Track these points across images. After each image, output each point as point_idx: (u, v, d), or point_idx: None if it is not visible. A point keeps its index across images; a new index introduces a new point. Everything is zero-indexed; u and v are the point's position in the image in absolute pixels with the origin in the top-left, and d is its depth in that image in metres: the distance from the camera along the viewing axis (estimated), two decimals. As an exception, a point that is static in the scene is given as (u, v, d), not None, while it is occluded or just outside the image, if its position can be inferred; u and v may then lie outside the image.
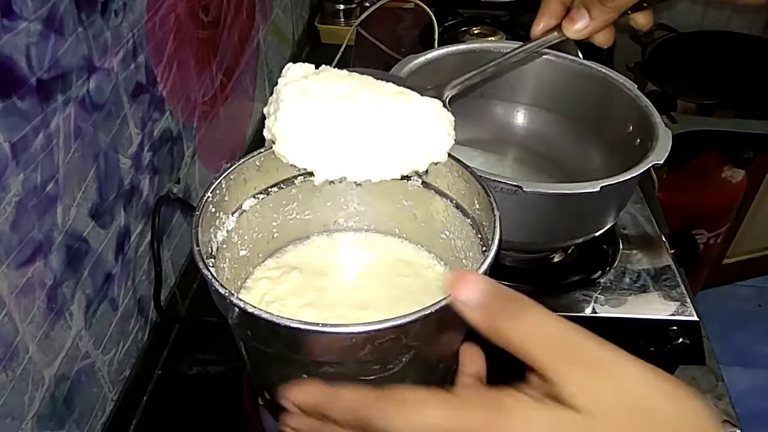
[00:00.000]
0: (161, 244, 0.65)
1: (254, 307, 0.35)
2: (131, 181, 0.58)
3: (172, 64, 0.64)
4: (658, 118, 0.61)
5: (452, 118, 0.43)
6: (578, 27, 0.44)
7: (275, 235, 0.52)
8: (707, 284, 1.71)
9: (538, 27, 0.46)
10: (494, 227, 0.42)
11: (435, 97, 0.44)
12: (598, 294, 0.63)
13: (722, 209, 1.46)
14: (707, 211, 1.43)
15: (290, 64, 0.44)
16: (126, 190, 0.58)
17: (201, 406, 0.61)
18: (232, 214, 0.47)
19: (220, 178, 0.44)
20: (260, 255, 0.52)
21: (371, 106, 0.41)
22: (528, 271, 0.67)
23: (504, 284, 0.33)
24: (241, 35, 0.85)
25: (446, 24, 1.04)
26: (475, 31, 1.02)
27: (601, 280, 0.64)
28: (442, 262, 0.53)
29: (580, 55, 0.75)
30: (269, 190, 0.49)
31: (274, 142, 0.42)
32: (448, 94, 0.47)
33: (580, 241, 0.63)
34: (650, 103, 0.63)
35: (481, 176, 0.46)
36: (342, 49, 1.09)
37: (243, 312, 0.36)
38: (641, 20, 0.45)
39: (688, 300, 0.61)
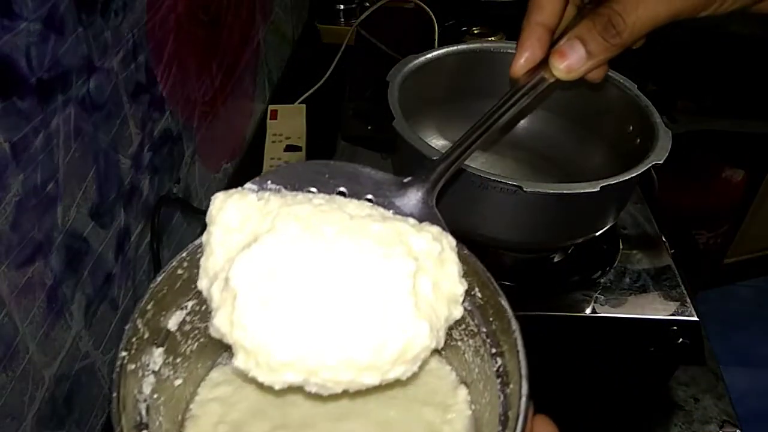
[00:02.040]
0: (161, 244, 0.65)
1: None
2: (131, 181, 0.58)
3: (172, 64, 0.64)
4: (658, 118, 0.61)
5: (455, 247, 0.32)
6: (570, 63, 0.35)
7: (213, 340, 0.36)
8: (707, 284, 1.72)
9: (520, 62, 0.36)
10: (515, 348, 0.31)
11: (420, 203, 0.33)
12: (598, 294, 0.63)
13: (722, 209, 1.46)
14: (707, 211, 1.43)
15: (220, 198, 0.31)
16: (126, 190, 0.58)
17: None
18: (157, 346, 0.35)
19: (134, 321, 0.33)
20: (199, 368, 0.40)
21: (369, 281, 0.29)
22: (528, 271, 0.67)
23: (504, 283, 0.33)
24: (241, 35, 0.85)
25: (446, 24, 1.04)
26: (475, 31, 1.03)
27: (601, 280, 0.64)
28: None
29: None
30: (198, 293, 0.35)
31: (233, 354, 0.29)
32: (435, 193, 0.34)
33: (580, 241, 0.63)
34: (650, 103, 0.63)
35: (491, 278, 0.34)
36: (342, 49, 1.09)
37: None
38: (636, 44, 0.38)
39: (688, 300, 0.61)
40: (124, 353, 0.32)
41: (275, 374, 0.28)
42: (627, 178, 0.54)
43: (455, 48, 0.69)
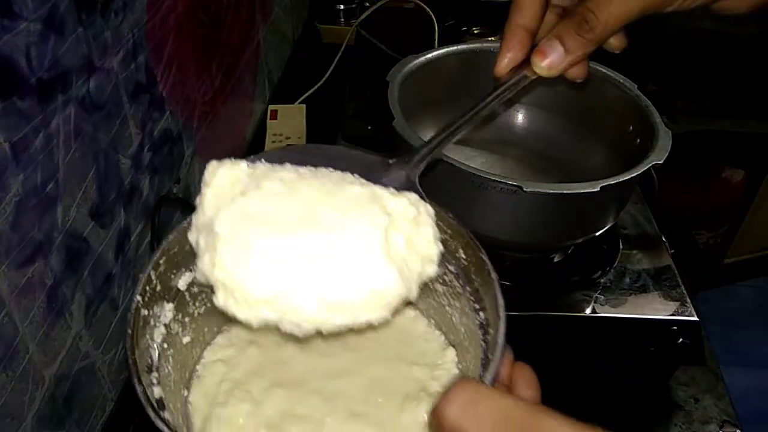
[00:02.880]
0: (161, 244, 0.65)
1: None
2: (131, 181, 0.58)
3: (172, 64, 0.64)
4: (658, 118, 0.61)
5: (433, 213, 0.33)
6: (551, 61, 0.37)
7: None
8: (707, 284, 1.72)
9: (503, 62, 0.38)
10: (494, 296, 0.34)
11: (404, 180, 0.35)
12: (598, 294, 0.63)
13: (722, 209, 1.46)
14: (707, 211, 1.43)
15: (214, 164, 0.33)
16: (126, 190, 0.58)
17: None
18: (168, 302, 0.39)
19: (148, 271, 0.37)
20: (206, 332, 0.43)
21: (341, 230, 0.31)
22: (528, 271, 0.67)
23: (504, 284, 0.33)
24: (241, 35, 0.85)
25: (446, 24, 1.04)
26: (475, 31, 1.03)
27: (601, 280, 0.64)
28: (421, 311, 0.45)
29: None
30: None
31: (213, 292, 0.31)
32: (418, 170, 0.36)
33: (580, 241, 0.63)
34: (650, 103, 0.63)
35: (464, 227, 0.38)
36: (342, 49, 1.09)
37: None
38: (615, 43, 0.39)
39: (688, 300, 0.61)
40: (138, 297, 0.35)
41: (251, 310, 0.30)
42: (627, 178, 0.54)
43: (455, 48, 0.69)
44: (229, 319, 0.39)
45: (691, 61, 1.28)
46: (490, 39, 1.00)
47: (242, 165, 0.33)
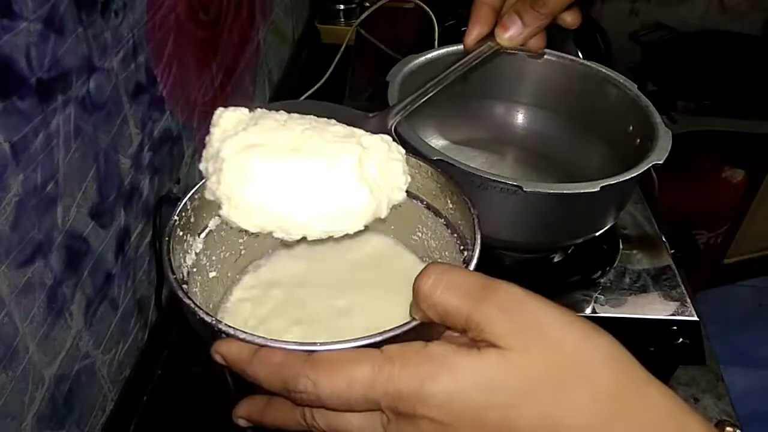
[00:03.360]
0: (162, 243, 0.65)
1: (246, 332, 0.34)
2: (131, 181, 0.58)
3: (172, 64, 0.64)
4: (658, 118, 0.61)
5: (403, 152, 0.41)
6: (511, 34, 0.43)
7: (242, 252, 0.50)
8: (707, 284, 1.72)
9: (471, 36, 0.44)
10: (473, 226, 0.41)
11: (381, 128, 0.41)
12: (598, 294, 0.63)
13: (722, 209, 1.46)
14: (707, 211, 1.43)
15: (221, 110, 0.40)
16: (126, 190, 0.58)
17: (201, 406, 0.61)
18: (199, 235, 0.45)
19: (185, 200, 0.43)
20: (228, 274, 0.50)
21: (323, 156, 0.38)
22: (528, 271, 0.67)
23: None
24: (241, 35, 0.85)
25: (446, 24, 1.04)
26: (475, 31, 1.02)
27: (601, 280, 0.64)
28: (425, 259, 0.52)
29: (580, 55, 0.75)
30: None
31: (220, 207, 0.38)
32: (393, 121, 0.43)
33: (580, 241, 0.63)
34: (650, 103, 0.63)
35: (452, 175, 0.45)
36: (342, 49, 1.09)
37: (234, 339, 0.34)
38: (569, 19, 0.44)
39: (688, 300, 0.61)
40: (176, 217, 0.42)
41: (249, 217, 0.37)
42: (627, 178, 0.54)
43: (455, 48, 0.69)
44: (246, 264, 0.50)
45: (691, 61, 1.28)
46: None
47: (244, 110, 0.40)
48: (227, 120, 0.39)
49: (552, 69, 0.71)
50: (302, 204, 0.37)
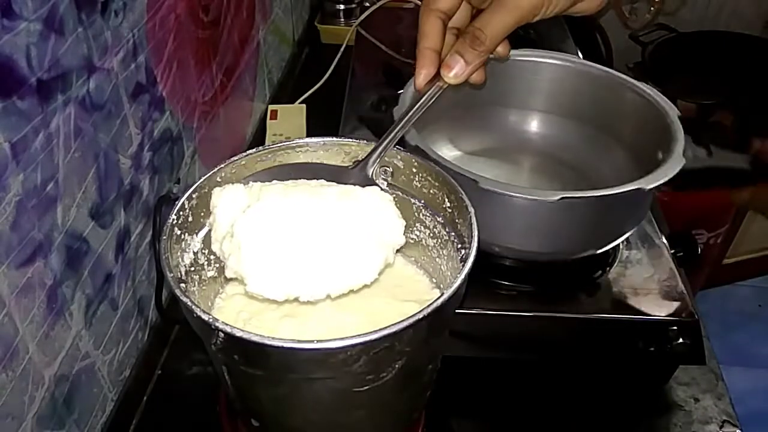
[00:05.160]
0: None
1: (242, 330, 0.34)
2: (131, 181, 0.58)
3: (172, 64, 0.64)
4: (674, 117, 0.61)
5: (390, 198, 0.44)
6: (455, 72, 0.45)
7: None
8: (707, 284, 1.71)
9: (420, 78, 0.46)
10: (471, 224, 0.42)
11: (364, 179, 0.45)
12: (599, 294, 0.63)
13: (722, 209, 1.46)
14: (707, 211, 1.43)
15: (218, 190, 0.43)
16: (126, 190, 0.58)
17: (201, 406, 0.61)
18: (197, 234, 0.46)
19: (182, 199, 0.44)
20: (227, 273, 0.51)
21: (328, 217, 0.41)
22: (528, 271, 0.67)
23: (504, 284, 0.33)
24: (241, 35, 0.85)
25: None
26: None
27: (601, 280, 0.64)
28: (412, 258, 0.53)
29: (580, 55, 0.74)
30: None
31: (245, 284, 0.40)
32: (372, 170, 0.46)
33: (599, 251, 0.62)
34: (667, 100, 0.62)
35: (450, 173, 0.46)
36: (342, 49, 1.09)
37: (230, 337, 0.35)
38: (501, 50, 0.47)
39: (688, 300, 0.61)
40: (173, 217, 0.43)
41: (275, 287, 0.39)
42: (666, 179, 0.54)
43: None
44: None
45: (691, 60, 1.28)
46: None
47: (239, 186, 0.43)
48: (227, 198, 0.42)
49: (565, 74, 0.70)
50: (323, 268, 0.40)
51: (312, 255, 0.40)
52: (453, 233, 0.47)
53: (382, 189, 0.44)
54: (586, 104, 0.71)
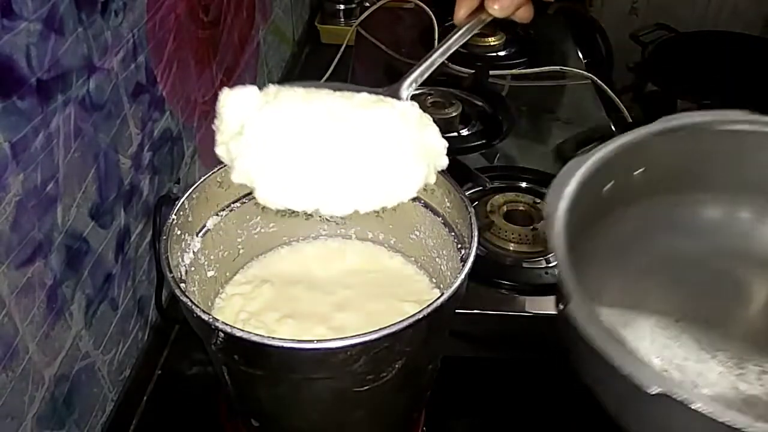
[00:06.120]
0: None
1: (242, 330, 0.34)
2: (131, 181, 0.58)
3: (172, 64, 0.64)
4: None
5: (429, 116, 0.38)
6: (502, 3, 0.43)
7: (240, 251, 0.51)
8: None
9: (461, 12, 0.44)
10: (470, 224, 0.42)
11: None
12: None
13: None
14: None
15: (227, 90, 0.37)
16: (126, 190, 0.58)
17: (201, 406, 0.61)
18: (197, 234, 0.46)
19: (183, 199, 0.43)
20: (227, 273, 0.50)
21: (359, 121, 0.34)
22: (528, 272, 0.67)
23: (504, 284, 0.33)
24: (241, 35, 0.85)
25: (446, 24, 1.04)
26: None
27: (601, 280, 0.63)
28: (412, 258, 0.53)
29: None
30: (232, 206, 0.49)
31: (252, 191, 0.35)
32: (407, 93, 0.40)
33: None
34: None
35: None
36: (342, 49, 1.09)
37: (230, 337, 0.35)
38: (522, 14, 0.45)
39: (689, 300, 0.61)
40: (173, 216, 0.42)
41: (289, 196, 0.34)
42: None
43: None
44: (244, 264, 0.50)
45: (691, 61, 1.28)
46: (489, 39, 1.00)
47: (252, 88, 0.36)
48: (238, 100, 0.36)
49: None
50: (351, 178, 0.33)
51: (338, 162, 0.33)
52: (453, 232, 0.47)
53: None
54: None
